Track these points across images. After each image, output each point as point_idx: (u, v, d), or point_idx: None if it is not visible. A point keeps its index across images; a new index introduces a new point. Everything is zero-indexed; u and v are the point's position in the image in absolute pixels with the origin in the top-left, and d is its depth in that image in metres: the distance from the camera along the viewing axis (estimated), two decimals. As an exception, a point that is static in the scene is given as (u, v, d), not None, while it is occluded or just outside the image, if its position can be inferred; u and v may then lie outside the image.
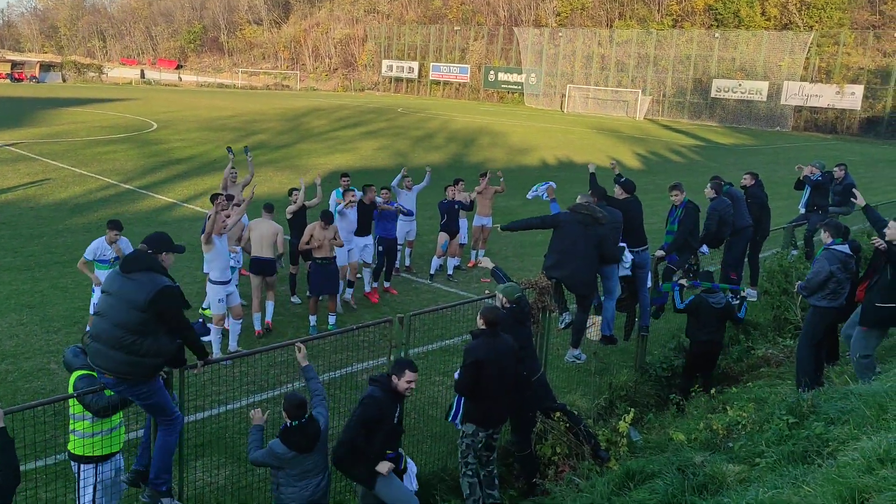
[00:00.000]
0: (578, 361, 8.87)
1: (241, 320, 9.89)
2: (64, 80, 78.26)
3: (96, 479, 5.58)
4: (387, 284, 12.85)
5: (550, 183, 9.34)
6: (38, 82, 74.77)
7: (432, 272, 13.71)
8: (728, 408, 7.16)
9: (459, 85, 78.79)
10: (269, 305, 10.83)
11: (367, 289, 12.39)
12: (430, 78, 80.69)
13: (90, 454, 5.52)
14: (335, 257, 10.80)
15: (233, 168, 12.57)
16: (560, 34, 70.69)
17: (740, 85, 60.19)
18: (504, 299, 6.92)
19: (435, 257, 13.69)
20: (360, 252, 12.06)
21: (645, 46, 65.82)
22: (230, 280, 9.61)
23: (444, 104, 67.82)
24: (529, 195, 9.53)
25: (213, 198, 10.61)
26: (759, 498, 4.33)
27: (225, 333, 9.74)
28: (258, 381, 8.58)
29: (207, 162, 26.19)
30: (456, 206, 13.48)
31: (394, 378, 5.71)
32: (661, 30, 65.65)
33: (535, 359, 7.34)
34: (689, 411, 8.20)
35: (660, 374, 9.49)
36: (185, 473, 5.86)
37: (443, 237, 13.54)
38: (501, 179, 14.54)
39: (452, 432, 7.47)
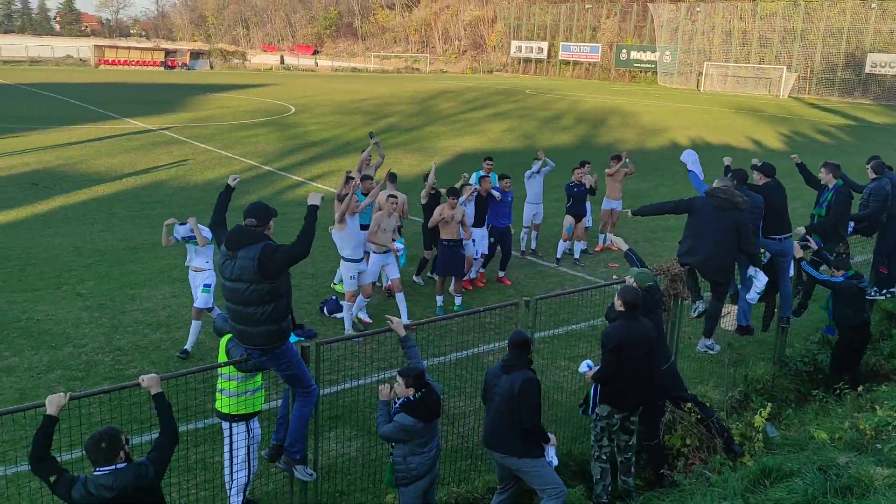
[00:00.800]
0: (711, 352, 8.56)
1: (369, 298, 10.22)
2: (211, 67, 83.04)
3: (249, 435, 5.99)
4: (501, 274, 12.52)
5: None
6: (188, 69, 79.74)
7: (558, 256, 13.58)
8: (877, 407, 6.71)
9: (589, 65, 77.09)
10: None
11: (473, 275, 12.17)
12: (560, 58, 79.41)
13: (236, 412, 5.94)
14: (462, 240, 10.90)
15: (370, 152, 12.98)
16: (698, 9, 67.48)
17: (899, 59, 55.39)
18: (635, 285, 6.76)
19: (561, 241, 13.55)
20: (476, 243, 11.88)
21: (791, 20, 61.69)
22: (362, 258, 9.93)
23: (573, 84, 66.65)
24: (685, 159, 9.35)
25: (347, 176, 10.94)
26: (912, 506, 4.04)
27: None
28: (388, 359, 8.85)
29: (341, 144, 27.09)
30: (583, 189, 13.26)
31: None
32: (811, 1, 61.22)
33: (666, 347, 7.15)
34: (833, 409, 7.73)
35: (801, 368, 8.96)
36: (319, 443, 6.14)
37: (568, 220, 13.37)
38: (628, 160, 14.24)
39: (578, 417, 7.42)
